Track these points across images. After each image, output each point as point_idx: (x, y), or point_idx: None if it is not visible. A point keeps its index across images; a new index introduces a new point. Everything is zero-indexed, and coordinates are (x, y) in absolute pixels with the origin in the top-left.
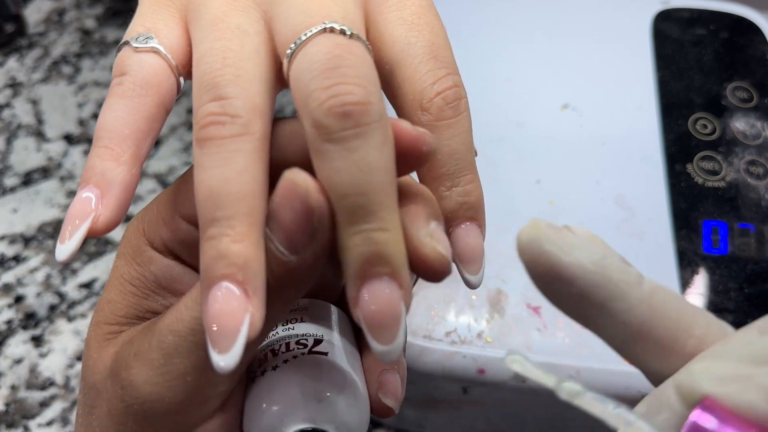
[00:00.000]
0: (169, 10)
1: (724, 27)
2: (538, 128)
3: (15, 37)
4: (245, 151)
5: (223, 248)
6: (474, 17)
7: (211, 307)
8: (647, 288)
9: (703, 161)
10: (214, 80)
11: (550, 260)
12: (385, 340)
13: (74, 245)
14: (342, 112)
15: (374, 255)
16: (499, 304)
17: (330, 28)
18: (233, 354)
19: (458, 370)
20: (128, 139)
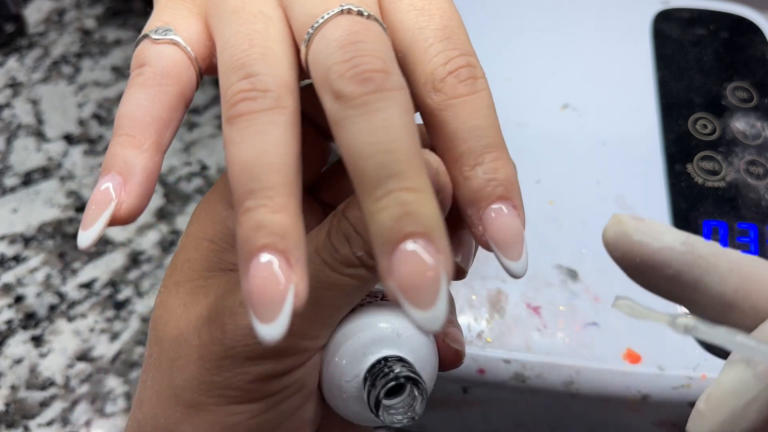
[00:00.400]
0: (186, 5)
1: (724, 27)
2: (538, 128)
3: (15, 37)
4: (279, 124)
5: (261, 218)
6: (474, 17)
7: (253, 277)
8: (733, 256)
9: (703, 161)
10: (241, 60)
11: (642, 250)
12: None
13: (97, 232)
14: (363, 78)
15: (405, 215)
16: (499, 304)
17: (347, 9)
18: (279, 324)
19: (458, 370)
20: (150, 126)
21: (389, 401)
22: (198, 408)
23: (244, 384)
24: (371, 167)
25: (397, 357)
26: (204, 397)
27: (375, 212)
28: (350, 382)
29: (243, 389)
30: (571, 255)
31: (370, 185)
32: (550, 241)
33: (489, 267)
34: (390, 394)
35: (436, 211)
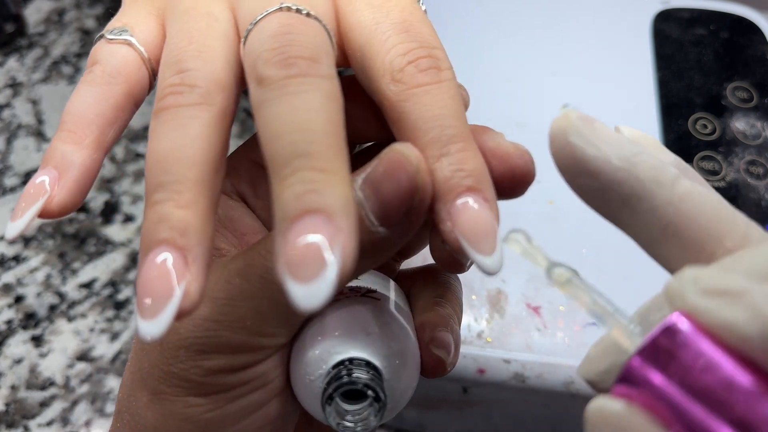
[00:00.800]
0: (146, 7)
1: (724, 27)
2: (539, 128)
3: (15, 37)
4: (201, 119)
5: (165, 212)
6: (474, 17)
7: (145, 271)
8: (680, 190)
9: (703, 161)
10: (177, 56)
11: (573, 152)
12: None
13: (24, 224)
14: (286, 63)
15: (307, 192)
16: (499, 304)
17: (286, 7)
18: (160, 321)
19: (458, 370)
20: (92, 124)
21: (348, 406)
22: (159, 396)
23: (199, 377)
24: (282, 147)
25: (364, 361)
26: (164, 386)
27: (280, 190)
28: (314, 380)
29: (198, 382)
30: (571, 255)
31: (279, 165)
32: (550, 241)
33: None
34: (350, 399)
35: (345, 193)
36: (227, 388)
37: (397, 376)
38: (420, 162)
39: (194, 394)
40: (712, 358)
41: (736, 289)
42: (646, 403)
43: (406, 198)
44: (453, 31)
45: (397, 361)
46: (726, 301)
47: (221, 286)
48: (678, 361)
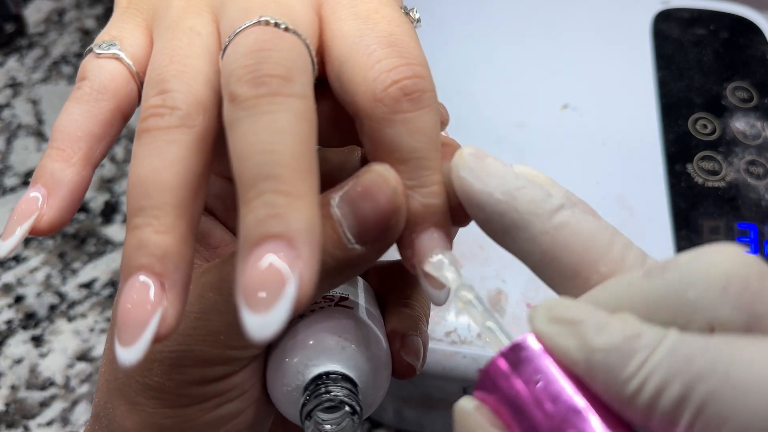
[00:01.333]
0: (135, 19)
1: (724, 27)
2: (539, 128)
3: (15, 37)
4: (180, 143)
5: (144, 238)
6: (474, 18)
7: (124, 298)
8: (557, 221)
9: (703, 161)
10: (159, 76)
11: (462, 185)
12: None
13: (14, 243)
14: (258, 82)
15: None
16: (499, 304)
17: (264, 21)
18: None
19: (458, 370)
20: (80, 141)
21: (326, 415)
22: (137, 407)
23: (175, 389)
24: (249, 168)
25: (339, 374)
26: (141, 398)
27: (244, 214)
28: (291, 391)
29: (174, 394)
30: None
31: (245, 187)
32: None
33: (489, 267)
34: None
35: (310, 217)
36: (203, 400)
37: (370, 383)
38: (398, 184)
39: (170, 405)
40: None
41: (574, 319)
42: (493, 406)
43: (384, 218)
44: (453, 32)
45: (370, 369)
46: (564, 329)
47: (194, 300)
48: (522, 374)
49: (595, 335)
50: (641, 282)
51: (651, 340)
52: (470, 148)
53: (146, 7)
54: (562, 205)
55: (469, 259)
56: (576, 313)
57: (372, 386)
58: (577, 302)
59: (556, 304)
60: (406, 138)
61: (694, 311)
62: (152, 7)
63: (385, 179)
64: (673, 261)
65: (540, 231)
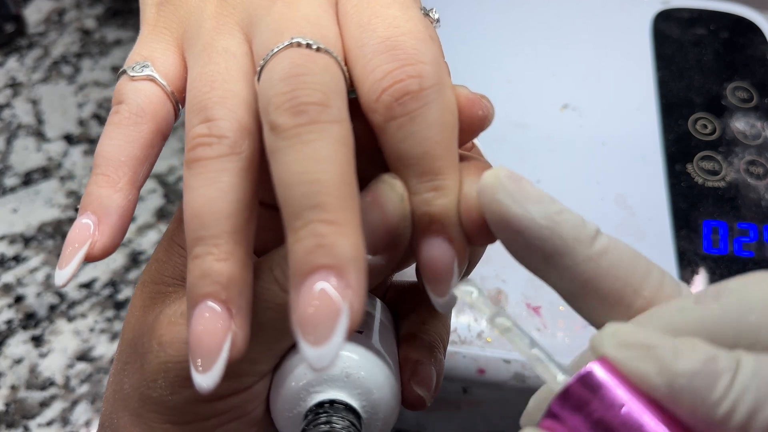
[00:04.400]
0: (165, 38)
1: (724, 27)
2: (539, 128)
3: (15, 37)
4: (231, 171)
5: (207, 267)
6: (474, 18)
7: (194, 326)
8: (599, 247)
9: (703, 161)
10: (201, 103)
11: (500, 209)
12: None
13: (71, 270)
14: (297, 110)
15: (318, 247)
16: (499, 304)
17: (297, 42)
18: (214, 373)
19: (458, 370)
20: (124, 166)
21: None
22: (140, 419)
23: (177, 404)
24: (294, 197)
25: (342, 404)
26: (144, 411)
27: (292, 243)
28: (293, 417)
29: (177, 410)
30: None
31: (291, 216)
32: None
33: (489, 267)
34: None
35: (355, 246)
36: (206, 417)
37: (376, 414)
38: (404, 192)
39: (172, 421)
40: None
41: (647, 344)
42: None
43: (392, 226)
44: (453, 32)
45: (377, 399)
46: (639, 353)
47: None
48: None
49: (674, 359)
50: (694, 308)
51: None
52: (504, 169)
53: (175, 25)
54: (598, 231)
55: None
56: (648, 337)
57: (377, 417)
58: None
59: (622, 329)
60: (403, 144)
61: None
62: (181, 25)
63: (392, 187)
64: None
65: (585, 258)
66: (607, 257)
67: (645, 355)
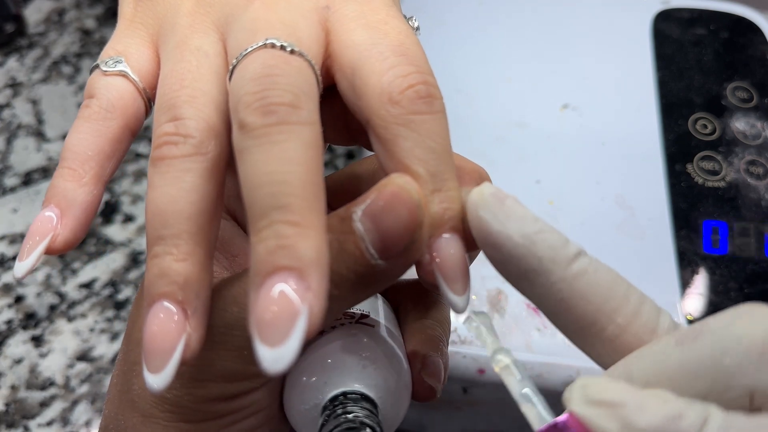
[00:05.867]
0: (140, 33)
1: (724, 27)
2: (539, 128)
3: (15, 37)
4: (195, 171)
5: (165, 266)
6: (474, 18)
7: (149, 325)
8: (576, 269)
9: (703, 161)
10: (170, 101)
11: (481, 225)
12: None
13: (31, 263)
14: (266, 110)
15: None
16: (499, 304)
17: (270, 44)
18: (165, 374)
19: (458, 370)
20: (91, 160)
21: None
22: (151, 419)
23: (191, 403)
24: (260, 198)
25: (358, 394)
26: (156, 411)
27: (255, 243)
28: (309, 410)
29: (191, 408)
30: None
31: (256, 216)
32: None
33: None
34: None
35: (318, 248)
36: (220, 416)
37: (390, 405)
38: (420, 196)
39: (186, 420)
40: None
41: (613, 401)
42: None
43: (407, 232)
44: (453, 32)
45: (391, 390)
46: (605, 411)
47: (216, 314)
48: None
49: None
50: (673, 350)
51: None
52: (490, 187)
53: (151, 21)
54: (580, 252)
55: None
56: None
57: (392, 407)
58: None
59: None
60: (424, 138)
61: (731, 379)
62: (157, 21)
63: (408, 191)
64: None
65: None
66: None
67: (610, 413)
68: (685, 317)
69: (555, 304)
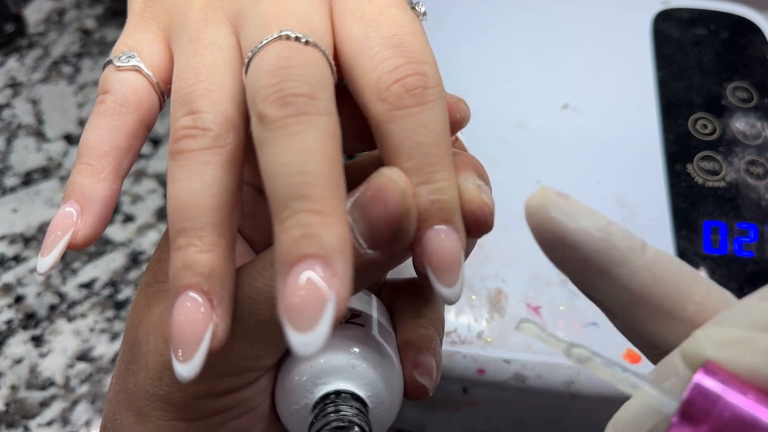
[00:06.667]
0: (152, 28)
1: (724, 27)
2: (539, 128)
3: (15, 37)
4: (215, 163)
5: (189, 258)
6: (475, 17)
7: (176, 316)
8: (650, 255)
9: (703, 161)
10: (187, 95)
11: (555, 226)
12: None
13: (54, 258)
14: (285, 102)
15: (303, 236)
16: (499, 304)
17: (285, 35)
18: (194, 363)
19: (458, 370)
20: (108, 155)
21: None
22: (144, 418)
23: (183, 401)
24: (281, 188)
25: (349, 393)
26: (149, 409)
27: (279, 233)
28: (300, 410)
29: (183, 406)
30: None
31: (278, 206)
32: None
33: (489, 267)
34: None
35: (341, 235)
36: (212, 413)
37: (381, 404)
38: (407, 186)
39: (179, 418)
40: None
41: (745, 339)
42: None
43: (394, 221)
44: (453, 31)
45: (381, 389)
46: (740, 349)
47: None
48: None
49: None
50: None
51: None
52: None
53: (162, 16)
54: (644, 241)
55: (469, 258)
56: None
57: (383, 407)
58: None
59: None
60: (410, 132)
61: None
62: (168, 15)
63: (394, 181)
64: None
65: (639, 266)
66: (659, 265)
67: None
68: None
69: (637, 294)
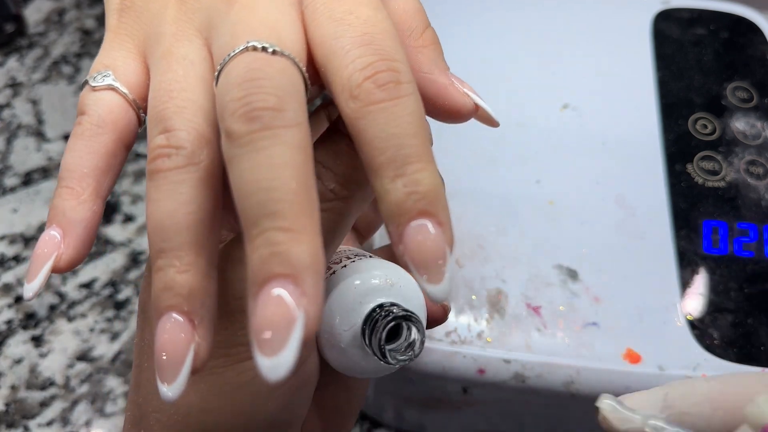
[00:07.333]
0: (127, 45)
1: (724, 27)
2: (538, 128)
3: (15, 37)
4: (189, 181)
5: (169, 279)
6: (474, 17)
7: (158, 338)
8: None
9: (703, 161)
10: (160, 113)
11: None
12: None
13: (40, 283)
14: (251, 117)
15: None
16: (499, 304)
17: (252, 46)
18: (178, 383)
19: (458, 370)
20: (87, 177)
21: (390, 345)
22: (203, 374)
23: (245, 339)
24: (250, 206)
25: (391, 303)
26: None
27: (249, 253)
28: (347, 331)
29: (246, 344)
30: (571, 255)
31: (248, 224)
32: (550, 241)
33: (489, 267)
34: (389, 339)
35: (312, 252)
36: None
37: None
38: None
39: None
40: None
41: None
42: None
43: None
44: (453, 31)
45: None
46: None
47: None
48: None
49: None
50: None
51: None
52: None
53: (136, 32)
54: None
55: (469, 258)
56: None
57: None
58: None
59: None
60: (383, 125)
61: None
62: (143, 30)
63: None
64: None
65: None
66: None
67: None
68: (685, 317)
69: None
